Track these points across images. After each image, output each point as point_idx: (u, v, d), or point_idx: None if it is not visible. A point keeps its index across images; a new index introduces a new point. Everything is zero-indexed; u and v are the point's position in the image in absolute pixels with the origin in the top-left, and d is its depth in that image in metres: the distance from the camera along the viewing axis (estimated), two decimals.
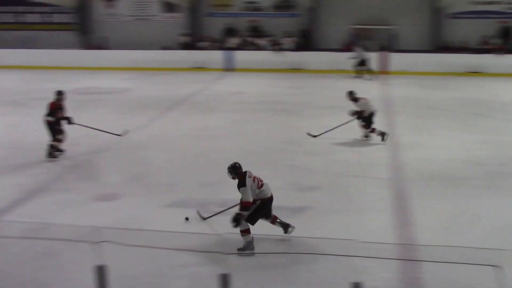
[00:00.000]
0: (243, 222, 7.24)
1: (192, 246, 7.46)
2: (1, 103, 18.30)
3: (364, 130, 13.06)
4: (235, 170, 7.45)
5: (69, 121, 11.90)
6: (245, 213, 7.23)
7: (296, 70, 25.40)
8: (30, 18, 30.62)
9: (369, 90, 18.69)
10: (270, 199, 7.55)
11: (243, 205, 7.23)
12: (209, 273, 6.54)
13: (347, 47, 25.58)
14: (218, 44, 27.43)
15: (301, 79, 23.48)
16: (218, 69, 25.73)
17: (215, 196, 9.33)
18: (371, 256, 6.57)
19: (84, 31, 29.68)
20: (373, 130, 12.94)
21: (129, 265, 6.76)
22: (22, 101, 18.54)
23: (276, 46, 26.37)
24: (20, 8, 30.52)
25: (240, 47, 26.96)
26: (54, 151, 11.70)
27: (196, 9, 28.78)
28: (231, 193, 9.44)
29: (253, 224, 7.35)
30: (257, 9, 28.63)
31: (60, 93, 12.00)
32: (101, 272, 4.96)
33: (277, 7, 28.47)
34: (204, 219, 8.38)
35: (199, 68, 26.04)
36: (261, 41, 27.28)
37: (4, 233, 5.85)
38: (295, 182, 10.19)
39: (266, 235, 7.59)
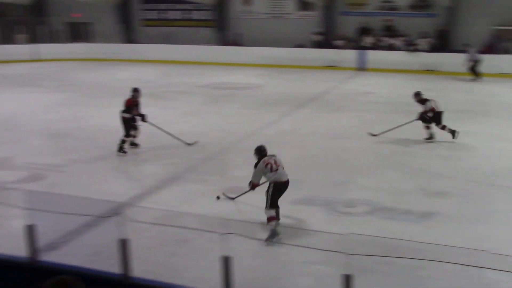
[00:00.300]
0: (268, 210, 7.53)
1: (316, 244, 7.46)
2: (143, 95, 19.28)
3: (427, 131, 13.00)
4: (260, 152, 7.93)
5: (144, 118, 12.19)
6: (249, 190, 8.01)
7: (430, 71, 24.58)
8: (172, 15, 32.07)
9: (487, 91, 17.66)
10: (285, 183, 7.75)
11: (250, 184, 7.92)
12: (332, 272, 6.51)
13: (487, 49, 24.33)
14: (351, 43, 27.17)
15: (435, 81, 22.68)
16: (350, 68, 25.50)
17: (342, 196, 9.27)
18: (503, 269, 6.21)
19: (221, 28, 30.59)
20: (444, 127, 12.87)
21: (254, 258, 6.89)
22: (161, 94, 19.48)
23: (411, 47, 25.65)
24: (163, 6, 32.08)
25: (373, 47, 26.54)
26: (124, 145, 11.93)
27: (330, 8, 28.68)
28: (359, 193, 9.36)
29: (274, 207, 7.62)
30: (392, 8, 27.99)
31: (136, 90, 12.29)
32: (226, 263, 5.09)
33: (414, 7, 27.65)
34: (232, 198, 8.86)
35: (331, 67, 25.95)
36: (395, 41, 26.65)
37: (139, 219, 6.18)
38: (424, 186, 9.87)
39: (391, 239, 7.42)
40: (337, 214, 8.49)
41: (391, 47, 26.41)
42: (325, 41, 27.90)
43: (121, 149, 11.94)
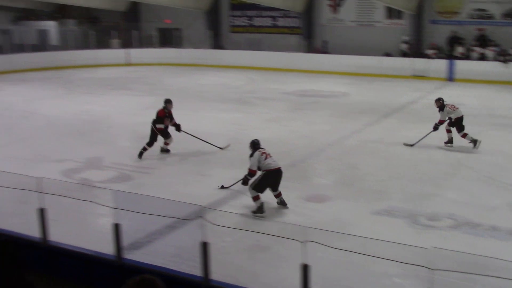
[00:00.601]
0: (252, 190, 8.82)
1: (397, 256, 7.29)
2: (228, 100, 19.63)
3: (448, 134, 13.22)
4: (254, 145, 9.20)
5: (178, 128, 12.58)
6: (249, 177, 9.02)
7: None
8: (259, 21, 32.39)
9: None
10: (275, 171, 8.89)
11: (248, 171, 9.04)
12: (413, 286, 6.35)
13: None
14: (441, 53, 26.44)
15: None
16: (439, 79, 24.82)
17: (425, 208, 9.02)
18: None
19: (308, 35, 30.58)
20: (464, 135, 12.95)
21: (333, 268, 6.82)
22: (247, 99, 19.70)
23: (504, 57, 24.64)
24: (251, 13, 32.45)
25: (464, 57, 25.70)
26: (144, 153, 12.20)
27: (420, 16, 28.01)
28: (443, 206, 9.07)
29: (261, 192, 8.83)
30: (485, 17, 27.00)
31: (168, 102, 12.47)
32: (306, 271, 5.07)
33: (508, 15, 26.56)
34: (225, 187, 9.92)
35: (420, 77, 25.35)
36: (487, 51, 25.69)
37: (220, 223, 6.27)
38: None
39: (476, 255, 7.14)
40: (420, 227, 8.27)
41: (482, 57, 25.48)
42: (414, 50, 27.28)
43: (141, 155, 12.23)
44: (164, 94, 18.96)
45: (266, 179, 8.91)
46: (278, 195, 9.13)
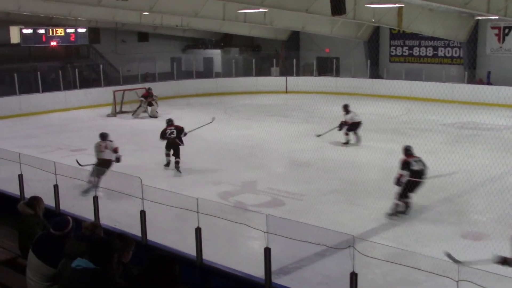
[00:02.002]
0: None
1: None
2: (385, 130, 19.29)
3: (345, 137, 17.05)
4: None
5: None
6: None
7: None
8: (420, 51, 31.61)
9: None
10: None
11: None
12: None
13: None
14: None
15: None
16: None
17: None
18: None
19: (471, 65, 29.26)
20: (347, 134, 16.99)
21: None
22: (404, 130, 19.24)
23: None
24: (412, 42, 31.78)
25: None
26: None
27: None
28: None
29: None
30: None
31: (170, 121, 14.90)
32: None
33: None
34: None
35: None
36: None
37: (369, 254, 6.14)
38: None
39: None
40: None
41: None
42: None
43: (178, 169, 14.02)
44: (320, 122, 19.15)
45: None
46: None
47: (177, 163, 14.13)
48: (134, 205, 7.75)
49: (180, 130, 14.56)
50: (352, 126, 17.25)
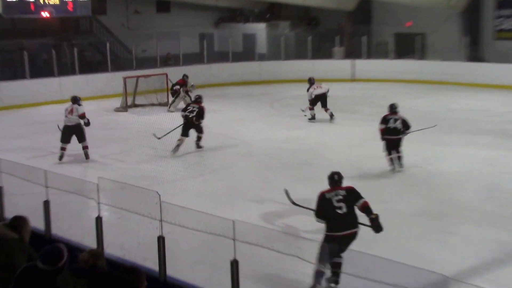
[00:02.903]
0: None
1: None
2: (485, 132, 18.96)
3: (310, 112, 20.88)
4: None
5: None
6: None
7: None
8: None
9: None
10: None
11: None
12: None
13: None
14: None
15: None
16: None
17: None
18: None
19: None
20: (311, 108, 20.82)
21: None
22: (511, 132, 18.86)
23: None
24: None
25: None
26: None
27: None
28: None
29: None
30: None
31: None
32: None
33: None
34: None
35: None
36: None
37: None
38: None
39: None
40: None
41: None
42: None
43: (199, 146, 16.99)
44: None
45: None
46: None
47: (199, 138, 16.82)
48: (149, 229, 7.75)
49: (201, 113, 16.76)
50: (316, 100, 20.76)
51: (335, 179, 9.22)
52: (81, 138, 16.19)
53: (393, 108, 14.99)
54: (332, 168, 15.04)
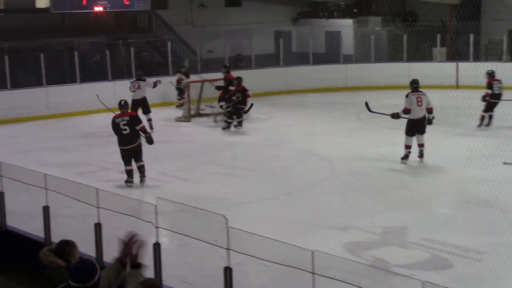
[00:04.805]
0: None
1: None
2: None
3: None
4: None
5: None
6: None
7: None
8: None
9: None
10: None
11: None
12: None
13: None
14: None
15: None
16: None
17: None
18: None
19: None
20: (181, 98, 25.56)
21: None
22: None
23: None
24: None
25: None
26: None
27: None
28: None
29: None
30: None
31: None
32: None
33: None
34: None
35: None
36: None
37: None
38: None
39: None
40: None
41: None
42: None
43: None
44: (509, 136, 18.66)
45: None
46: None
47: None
48: (214, 258, 7.84)
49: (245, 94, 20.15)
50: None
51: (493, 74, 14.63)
52: (147, 110, 22.39)
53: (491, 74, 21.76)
54: (432, 192, 15.03)
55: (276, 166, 17.32)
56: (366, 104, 16.67)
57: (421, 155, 17.33)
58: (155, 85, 23.46)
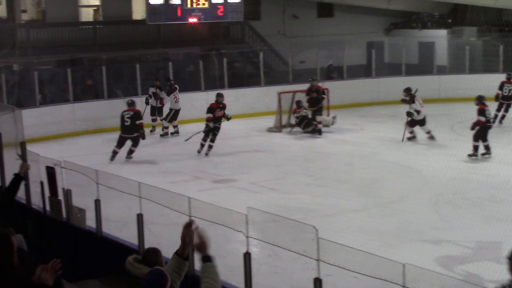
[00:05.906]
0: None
1: None
2: None
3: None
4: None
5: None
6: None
7: None
8: None
9: None
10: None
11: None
12: None
13: None
14: None
15: None
16: None
17: None
18: None
19: None
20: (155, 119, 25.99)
21: None
22: None
23: None
24: None
25: None
26: None
27: None
28: None
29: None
30: None
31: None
32: None
33: None
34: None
35: None
36: None
37: None
38: None
39: None
40: None
41: None
42: None
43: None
44: None
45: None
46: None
47: None
48: (304, 269, 7.81)
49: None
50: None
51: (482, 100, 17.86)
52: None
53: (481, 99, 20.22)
54: None
55: (367, 178, 17.22)
56: None
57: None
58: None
